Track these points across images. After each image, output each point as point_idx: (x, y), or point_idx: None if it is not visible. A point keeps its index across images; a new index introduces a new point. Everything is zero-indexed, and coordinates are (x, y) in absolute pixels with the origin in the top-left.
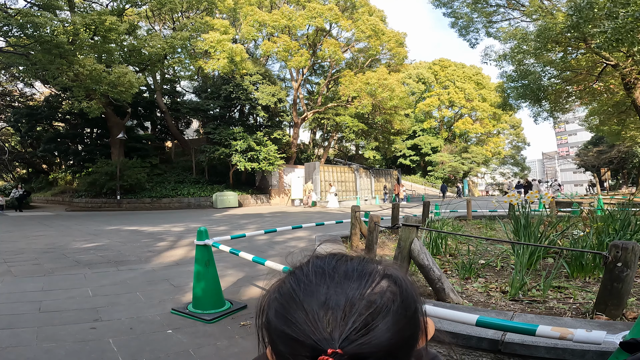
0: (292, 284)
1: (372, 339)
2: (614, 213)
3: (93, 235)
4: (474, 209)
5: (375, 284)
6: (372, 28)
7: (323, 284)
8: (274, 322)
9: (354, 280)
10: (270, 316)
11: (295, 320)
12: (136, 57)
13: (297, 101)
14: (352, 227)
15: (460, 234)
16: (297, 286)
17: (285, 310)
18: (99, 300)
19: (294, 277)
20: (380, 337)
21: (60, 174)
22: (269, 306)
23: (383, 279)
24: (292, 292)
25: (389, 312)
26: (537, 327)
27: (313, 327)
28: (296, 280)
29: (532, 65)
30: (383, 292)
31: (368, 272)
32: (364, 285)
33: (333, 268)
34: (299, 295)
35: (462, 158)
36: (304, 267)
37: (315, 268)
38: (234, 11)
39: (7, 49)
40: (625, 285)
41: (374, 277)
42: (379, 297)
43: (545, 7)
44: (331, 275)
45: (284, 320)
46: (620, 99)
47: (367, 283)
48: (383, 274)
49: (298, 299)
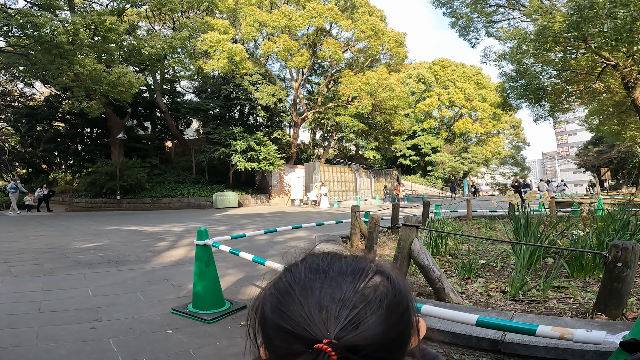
0: (287, 280)
1: (366, 331)
2: (613, 213)
3: (93, 235)
4: (474, 208)
5: (369, 278)
6: (372, 28)
7: (318, 280)
8: (270, 317)
9: (348, 275)
10: (265, 311)
11: (291, 313)
12: (136, 57)
13: (297, 101)
14: (352, 227)
15: (460, 234)
16: (292, 282)
17: (281, 304)
18: (99, 300)
19: (289, 274)
20: (374, 329)
21: (60, 174)
22: (264, 302)
23: (376, 275)
24: (288, 287)
25: (382, 305)
26: (537, 327)
27: (309, 319)
28: (292, 276)
29: (532, 65)
30: (376, 287)
31: (361, 268)
32: (357, 280)
33: (328, 264)
34: (295, 290)
35: (462, 158)
36: (300, 264)
37: (310, 265)
38: (234, 11)
39: (7, 49)
40: (625, 285)
41: (367, 273)
42: (372, 291)
43: (545, 7)
44: (326, 271)
45: (279, 315)
46: (620, 99)
47: (361, 278)
48: (376, 270)
49: (294, 294)
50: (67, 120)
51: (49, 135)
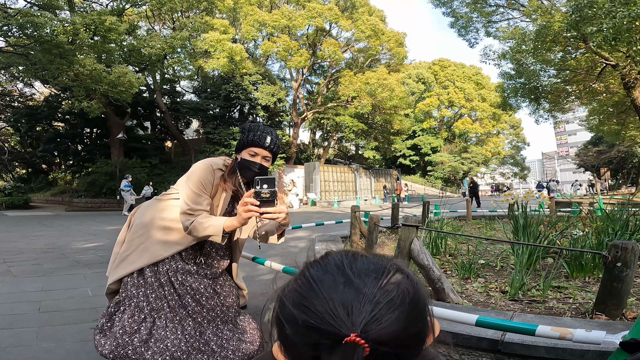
0: (311, 276)
1: (390, 325)
2: (613, 213)
3: (93, 235)
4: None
5: (391, 275)
6: (372, 28)
7: (342, 276)
8: (292, 312)
9: (371, 272)
10: (287, 307)
11: (315, 308)
12: (136, 57)
13: (296, 101)
14: (352, 227)
15: (460, 234)
16: (316, 277)
17: (304, 299)
18: (99, 300)
19: (313, 270)
20: (397, 324)
21: (60, 174)
22: (285, 298)
23: (397, 273)
24: (312, 282)
25: (404, 302)
26: (536, 327)
27: (334, 314)
28: (315, 272)
29: (532, 64)
30: (398, 284)
31: (383, 266)
32: (380, 277)
33: (350, 261)
34: (319, 285)
35: (462, 158)
36: (321, 260)
37: (333, 261)
38: (234, 11)
39: (7, 49)
40: (625, 285)
41: (389, 270)
42: (395, 288)
43: (544, 7)
44: (349, 267)
45: (302, 310)
46: (620, 99)
47: (383, 275)
48: (397, 268)
49: (318, 289)
50: (67, 120)
51: (48, 135)
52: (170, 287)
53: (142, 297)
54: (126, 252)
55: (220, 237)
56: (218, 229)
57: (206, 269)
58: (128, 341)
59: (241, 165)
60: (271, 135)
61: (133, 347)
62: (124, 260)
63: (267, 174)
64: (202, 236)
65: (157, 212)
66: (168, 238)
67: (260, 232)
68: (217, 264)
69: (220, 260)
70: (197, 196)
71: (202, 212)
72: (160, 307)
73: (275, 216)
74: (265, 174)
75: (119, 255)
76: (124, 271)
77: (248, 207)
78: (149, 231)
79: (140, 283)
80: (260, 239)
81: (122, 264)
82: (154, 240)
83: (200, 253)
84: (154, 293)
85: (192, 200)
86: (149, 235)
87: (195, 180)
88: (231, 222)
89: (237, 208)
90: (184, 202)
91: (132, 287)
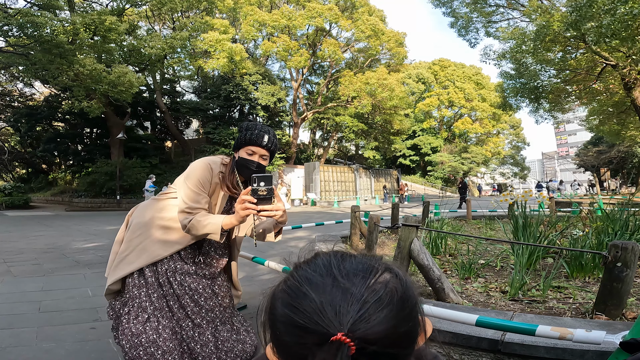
0: (299, 277)
1: (378, 324)
2: (613, 213)
3: (93, 235)
4: (474, 208)
5: (379, 275)
6: (372, 28)
7: (330, 276)
8: (282, 313)
9: (359, 271)
10: (277, 307)
11: (303, 309)
12: (136, 57)
13: (296, 101)
14: (352, 227)
15: (460, 234)
16: (304, 278)
17: (293, 300)
18: (99, 300)
19: (301, 271)
20: (385, 323)
21: (60, 174)
22: (275, 299)
23: (385, 272)
24: (300, 283)
25: (392, 301)
26: (536, 327)
27: (321, 314)
28: (304, 273)
29: (532, 64)
30: (387, 283)
31: (371, 265)
32: (368, 276)
33: (338, 262)
34: (307, 286)
35: (462, 158)
36: (311, 261)
37: (322, 262)
38: (234, 11)
39: (7, 49)
40: (625, 285)
41: (377, 270)
42: (382, 287)
43: (544, 7)
44: (337, 268)
45: (291, 310)
46: (620, 99)
47: (371, 274)
48: (385, 267)
49: (306, 289)
50: (66, 120)
51: (48, 135)
52: (169, 288)
53: (144, 297)
54: (125, 253)
55: (218, 235)
56: (216, 227)
57: (205, 269)
58: (137, 342)
59: (239, 163)
60: (269, 134)
61: (143, 348)
62: (122, 260)
63: (264, 173)
64: (200, 234)
65: (155, 212)
66: (167, 237)
67: (257, 230)
68: (216, 263)
69: (219, 259)
70: (195, 195)
71: (201, 210)
72: (162, 307)
73: (272, 214)
74: (263, 173)
75: (118, 256)
76: (123, 272)
77: (245, 205)
78: (147, 231)
79: (142, 283)
80: (257, 237)
81: (120, 264)
82: (153, 239)
83: (199, 252)
84: (155, 293)
85: (190, 198)
86: (147, 235)
87: (194, 179)
88: (229, 219)
89: (235, 206)
90: (183, 201)
91: (134, 287)
